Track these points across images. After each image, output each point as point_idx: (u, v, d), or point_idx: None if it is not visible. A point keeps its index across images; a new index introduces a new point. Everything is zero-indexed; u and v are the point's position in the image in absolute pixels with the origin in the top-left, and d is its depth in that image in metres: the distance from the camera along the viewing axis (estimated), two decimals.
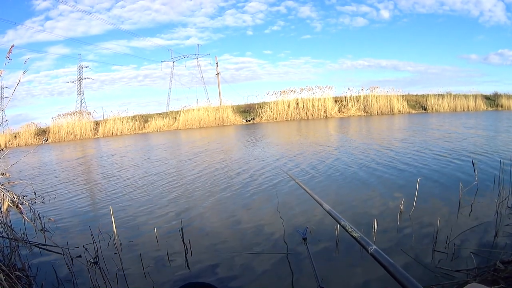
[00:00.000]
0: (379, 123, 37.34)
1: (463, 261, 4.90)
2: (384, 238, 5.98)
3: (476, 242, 5.57)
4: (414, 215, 6.98)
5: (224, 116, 58.05)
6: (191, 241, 6.24)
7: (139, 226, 7.80)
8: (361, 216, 7.28)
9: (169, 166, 16.16)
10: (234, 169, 13.70)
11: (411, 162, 12.43)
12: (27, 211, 7.09)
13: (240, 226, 7.28)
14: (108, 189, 12.04)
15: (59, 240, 6.83)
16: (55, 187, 13.46)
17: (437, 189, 8.81)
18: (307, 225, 6.79)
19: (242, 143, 24.32)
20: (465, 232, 5.77)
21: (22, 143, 58.00)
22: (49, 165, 22.58)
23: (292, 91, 58.48)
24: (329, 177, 11.10)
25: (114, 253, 6.26)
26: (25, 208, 7.09)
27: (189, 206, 9.06)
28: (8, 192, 6.48)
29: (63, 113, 61.95)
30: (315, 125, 39.63)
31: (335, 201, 8.56)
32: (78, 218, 8.86)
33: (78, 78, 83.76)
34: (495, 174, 9.10)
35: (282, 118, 56.35)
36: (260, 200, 9.10)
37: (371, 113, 55.50)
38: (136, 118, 61.60)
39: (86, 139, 56.97)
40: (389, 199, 8.29)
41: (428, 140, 18.65)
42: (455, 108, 56.85)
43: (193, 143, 28.57)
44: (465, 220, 6.53)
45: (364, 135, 24.55)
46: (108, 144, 38.65)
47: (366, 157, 14.23)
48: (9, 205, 6.27)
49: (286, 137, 27.34)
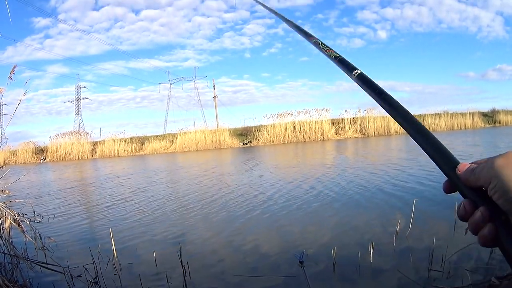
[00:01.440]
0: (375, 144, 37.42)
1: (458, 278, 4.93)
2: (380, 259, 6.00)
3: (472, 259, 5.61)
4: (410, 235, 7.01)
5: (221, 139, 58.02)
6: (189, 263, 6.21)
7: (138, 247, 7.81)
8: (357, 237, 7.34)
9: (167, 189, 16.18)
10: (231, 192, 13.71)
11: (407, 183, 12.49)
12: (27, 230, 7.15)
13: (238, 249, 7.30)
14: (106, 211, 12.05)
15: (59, 259, 6.81)
16: (55, 206, 13.48)
17: (433, 209, 8.85)
18: (305, 246, 6.86)
19: (239, 167, 24.26)
20: (461, 251, 5.78)
21: (21, 161, 58.21)
22: (48, 184, 22.63)
23: (289, 114, 58.59)
24: (325, 199, 11.15)
25: (114, 274, 6.27)
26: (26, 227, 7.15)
27: (187, 229, 9.09)
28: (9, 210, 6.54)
29: (61, 133, 62.48)
30: (312, 148, 39.67)
31: (332, 222, 8.62)
32: (78, 238, 8.90)
33: (76, 98, 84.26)
34: None
35: (279, 141, 56.31)
36: (257, 223, 9.14)
37: (368, 135, 55.51)
38: (134, 140, 61.60)
39: (83, 159, 56.95)
40: (385, 220, 8.33)
41: (423, 161, 18.68)
42: (452, 126, 57.11)
43: (191, 166, 28.63)
44: (461, 238, 6.53)
45: (360, 157, 24.66)
46: (106, 166, 38.55)
47: (362, 179, 14.28)
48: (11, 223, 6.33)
49: (283, 161, 27.41)
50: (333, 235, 7.66)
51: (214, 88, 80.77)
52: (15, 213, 6.74)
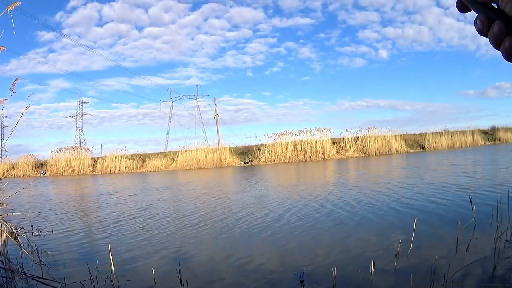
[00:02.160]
0: (376, 164, 37.35)
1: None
2: (381, 278, 5.94)
3: (475, 277, 5.54)
4: (411, 254, 6.94)
5: (222, 158, 57.98)
6: (188, 282, 6.15)
7: (136, 265, 7.74)
8: (358, 256, 7.28)
9: (167, 208, 16.11)
10: (232, 211, 13.63)
11: (408, 202, 12.41)
12: (24, 243, 7.07)
13: (238, 268, 7.22)
14: (105, 228, 11.94)
15: (56, 274, 6.76)
16: (54, 221, 13.41)
17: (435, 228, 8.79)
18: (305, 265, 6.80)
19: (240, 186, 24.18)
20: (464, 269, 5.73)
21: (20, 174, 58.13)
22: (48, 199, 22.56)
23: (291, 133, 58.59)
24: (326, 218, 11.11)
25: None
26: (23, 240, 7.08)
27: (187, 247, 9.02)
28: (6, 224, 6.48)
29: (62, 148, 62.48)
30: (313, 168, 39.62)
31: (335, 241, 8.56)
32: (75, 253, 8.83)
33: (78, 114, 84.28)
34: (493, 209, 9.07)
35: (280, 160, 56.29)
36: (258, 242, 9.06)
37: (369, 154, 55.49)
38: (135, 157, 61.58)
39: (84, 175, 56.89)
40: (386, 239, 8.27)
41: (425, 179, 18.63)
42: (453, 145, 57.09)
43: (192, 185, 28.49)
44: (463, 256, 6.50)
45: (361, 177, 24.51)
46: (106, 182, 38.49)
47: (363, 199, 14.19)
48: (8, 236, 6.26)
49: (284, 180, 27.33)
50: (333, 254, 7.60)
51: (215, 107, 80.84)
52: (12, 227, 6.67)
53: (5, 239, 6.26)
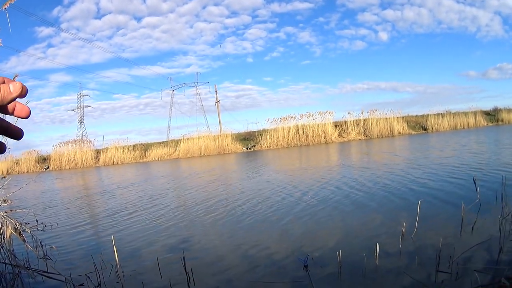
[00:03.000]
0: (379, 146, 37.37)
1: (467, 280, 4.81)
2: (386, 261, 5.91)
3: (480, 260, 5.50)
4: (416, 237, 6.91)
5: (225, 144, 58.01)
6: (193, 270, 6.12)
7: (141, 255, 7.76)
8: (362, 239, 7.26)
9: (171, 196, 16.15)
10: (235, 198, 13.63)
11: (412, 184, 12.36)
12: (29, 239, 7.09)
13: (243, 254, 7.22)
14: (109, 219, 11.99)
15: (61, 267, 6.77)
16: (57, 215, 13.44)
17: (439, 210, 8.75)
18: (310, 250, 6.77)
19: (243, 172, 24.26)
20: (469, 251, 5.67)
21: (24, 170, 58.16)
22: (52, 193, 22.60)
23: (292, 117, 58.54)
24: (330, 203, 11.05)
25: (117, 282, 6.19)
26: (27, 236, 7.09)
27: (191, 235, 9.02)
28: (10, 219, 6.48)
29: (65, 141, 62.49)
30: (316, 151, 39.69)
31: (338, 225, 8.56)
32: (80, 246, 8.83)
33: (79, 107, 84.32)
34: (497, 191, 9.01)
35: (282, 145, 56.30)
36: (262, 228, 9.04)
37: (371, 137, 55.41)
38: (137, 147, 61.65)
39: (87, 167, 56.97)
40: (390, 222, 8.23)
41: (428, 161, 18.62)
42: (455, 126, 57.00)
43: (195, 172, 28.60)
44: (468, 238, 6.46)
45: (364, 160, 24.52)
46: (110, 173, 38.60)
47: (366, 181, 14.17)
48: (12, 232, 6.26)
49: (287, 165, 27.28)
50: (337, 238, 7.59)
51: (216, 94, 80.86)
52: (16, 222, 6.68)
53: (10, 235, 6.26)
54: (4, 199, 6.89)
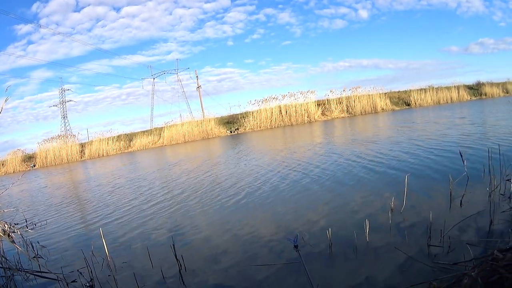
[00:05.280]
0: (363, 123, 37.49)
1: (460, 253, 4.84)
2: (377, 238, 5.96)
3: (472, 232, 5.55)
4: (405, 212, 6.98)
5: (208, 129, 58.03)
6: (184, 257, 6.18)
7: (131, 246, 7.75)
8: (351, 216, 7.30)
9: (156, 185, 16.10)
10: (222, 182, 13.61)
11: (398, 160, 12.45)
12: (19, 240, 7.05)
13: (233, 239, 7.23)
14: (98, 212, 11.90)
15: (53, 266, 6.77)
16: (46, 213, 13.28)
17: (426, 184, 8.80)
18: (299, 230, 6.82)
19: (228, 156, 24.18)
20: (459, 224, 5.74)
21: (10, 170, 57.58)
22: (39, 191, 22.39)
23: (274, 98, 58.75)
24: (317, 181, 11.08)
25: (108, 275, 6.21)
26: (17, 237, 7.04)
27: (179, 223, 9.00)
28: None
29: (49, 138, 61.87)
30: (299, 131, 39.68)
31: (326, 203, 8.57)
32: (71, 242, 8.76)
33: (61, 102, 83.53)
34: (484, 163, 9.07)
35: (266, 126, 56.46)
36: (250, 211, 9.05)
37: (354, 114, 55.83)
38: (121, 138, 61.50)
39: (73, 162, 56.71)
40: (379, 198, 8.28)
41: (413, 136, 18.71)
42: (439, 101, 57.70)
43: (180, 159, 28.50)
44: (458, 212, 6.50)
45: (348, 137, 24.54)
46: (95, 166, 38.41)
47: (352, 158, 14.22)
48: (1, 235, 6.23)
49: (271, 146, 27.27)
50: (326, 216, 7.64)
51: (197, 79, 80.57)
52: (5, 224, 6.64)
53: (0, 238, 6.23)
54: None
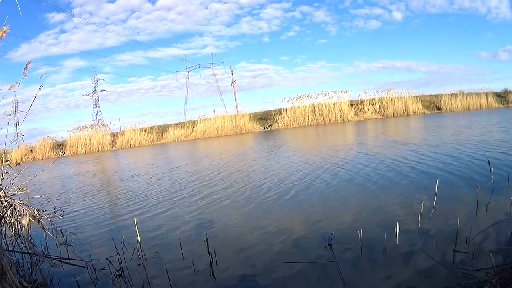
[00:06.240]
0: (395, 125, 37.23)
1: (482, 260, 4.96)
2: (406, 240, 6.06)
3: (495, 240, 5.64)
4: (434, 216, 7.03)
5: (242, 124, 58.16)
6: (216, 251, 6.29)
7: (163, 237, 7.86)
8: (382, 218, 7.39)
9: (190, 177, 16.18)
10: (255, 177, 13.75)
11: (429, 163, 12.43)
12: (48, 226, 7.14)
13: (265, 235, 7.31)
14: (130, 202, 12.05)
15: (81, 253, 6.82)
16: (75, 200, 13.60)
17: (455, 190, 8.81)
18: (331, 229, 6.90)
19: (262, 152, 24.33)
20: (484, 231, 5.78)
21: (39, 157, 58.44)
22: (68, 179, 22.89)
23: (308, 96, 58.77)
24: (350, 181, 11.17)
25: (139, 264, 6.31)
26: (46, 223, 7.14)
27: (213, 216, 9.10)
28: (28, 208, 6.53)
29: (80, 126, 62.66)
30: (333, 130, 39.66)
31: (358, 204, 8.66)
32: (100, 231, 8.93)
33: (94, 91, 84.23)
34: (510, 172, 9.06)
35: (299, 124, 56.45)
36: (284, 208, 9.13)
37: (386, 115, 55.43)
38: (154, 129, 61.94)
39: (103, 151, 57.31)
40: (409, 201, 8.32)
41: (445, 140, 18.56)
42: (468, 106, 56.85)
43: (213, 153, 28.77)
44: (483, 219, 6.56)
45: (381, 139, 24.38)
46: (127, 156, 38.89)
47: (385, 160, 14.23)
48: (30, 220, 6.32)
49: (305, 143, 27.50)
50: (358, 217, 7.73)
51: (232, 74, 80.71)
52: (34, 210, 6.73)
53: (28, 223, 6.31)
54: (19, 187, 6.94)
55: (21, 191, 6.92)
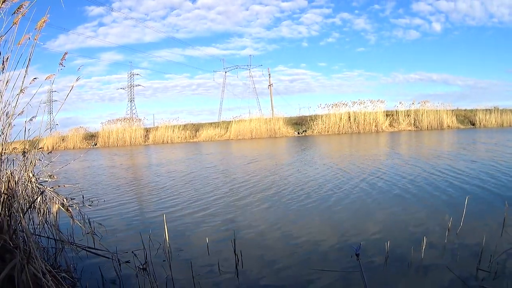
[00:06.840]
0: (429, 138, 36.86)
1: (504, 280, 4.93)
2: (432, 255, 6.00)
3: None
4: (461, 232, 6.94)
5: (276, 128, 58.29)
6: (242, 252, 6.30)
7: (190, 234, 7.94)
8: (411, 231, 7.34)
9: (222, 178, 16.28)
10: (286, 182, 13.75)
11: (461, 179, 12.30)
12: (76, 215, 7.24)
13: (292, 240, 7.30)
14: (160, 198, 12.20)
15: (107, 244, 6.90)
16: (105, 192, 13.85)
17: (484, 207, 8.71)
18: (358, 239, 6.89)
19: (294, 157, 24.44)
20: (508, 252, 5.71)
21: (70, 146, 59.61)
22: (98, 170, 23.31)
23: (344, 104, 58.63)
24: (380, 192, 11.13)
25: (164, 260, 6.35)
26: (75, 212, 7.24)
27: (242, 218, 9.15)
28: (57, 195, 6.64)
29: (113, 119, 63.84)
30: (367, 140, 39.45)
31: (386, 217, 8.62)
32: (128, 223, 9.07)
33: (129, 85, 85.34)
34: None
35: (333, 131, 56.35)
36: (312, 214, 9.13)
37: (421, 128, 54.98)
38: (188, 127, 62.49)
39: (135, 145, 58.04)
40: (438, 215, 8.24)
41: (479, 156, 18.39)
42: (502, 123, 56.14)
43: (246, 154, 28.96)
44: (508, 238, 6.47)
45: (415, 151, 24.27)
46: (159, 152, 39.27)
47: (417, 173, 14.15)
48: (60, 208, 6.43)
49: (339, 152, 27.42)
50: (386, 228, 7.68)
51: (269, 77, 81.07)
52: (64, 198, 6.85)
53: (57, 211, 6.41)
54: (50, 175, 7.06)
55: (51, 178, 7.04)
